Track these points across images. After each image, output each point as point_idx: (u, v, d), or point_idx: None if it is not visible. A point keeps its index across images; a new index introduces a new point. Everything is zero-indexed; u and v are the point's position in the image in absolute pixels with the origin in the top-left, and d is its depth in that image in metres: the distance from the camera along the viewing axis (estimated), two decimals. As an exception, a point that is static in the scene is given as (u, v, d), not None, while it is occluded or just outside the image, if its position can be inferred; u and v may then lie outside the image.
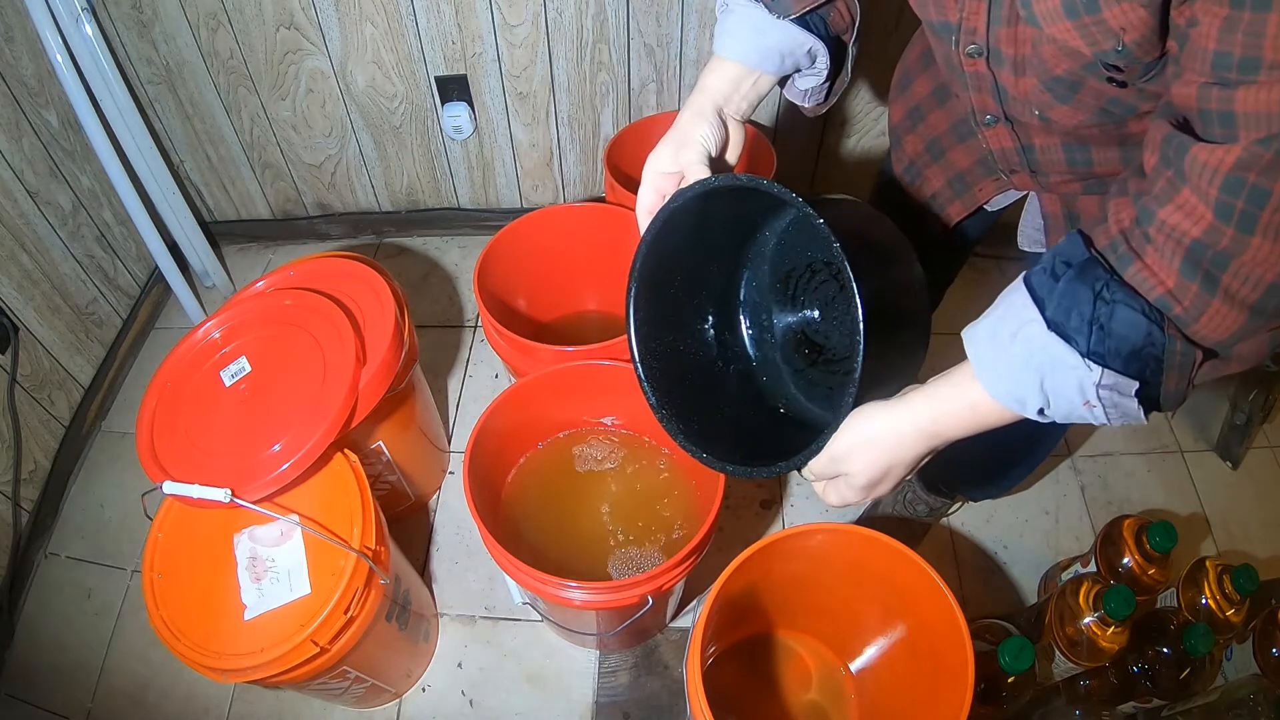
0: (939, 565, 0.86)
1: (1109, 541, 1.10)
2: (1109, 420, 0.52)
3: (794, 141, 1.62)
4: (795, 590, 1.03)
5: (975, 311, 0.58)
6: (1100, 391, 0.51)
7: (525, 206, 1.77)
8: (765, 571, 0.95)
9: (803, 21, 0.71)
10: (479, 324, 1.66)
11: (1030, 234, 0.85)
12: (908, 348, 0.65)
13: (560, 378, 1.10)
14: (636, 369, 0.76)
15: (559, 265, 1.41)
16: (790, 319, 0.81)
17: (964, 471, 1.18)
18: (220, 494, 0.87)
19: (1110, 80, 0.57)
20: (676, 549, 0.91)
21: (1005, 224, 0.93)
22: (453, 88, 1.52)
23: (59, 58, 1.31)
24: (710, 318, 0.83)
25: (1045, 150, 0.72)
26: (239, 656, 0.85)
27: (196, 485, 0.88)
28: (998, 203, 0.87)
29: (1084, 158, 0.70)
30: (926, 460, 0.63)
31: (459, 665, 1.23)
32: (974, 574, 1.32)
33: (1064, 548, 1.34)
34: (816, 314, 0.78)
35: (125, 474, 1.48)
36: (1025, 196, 0.84)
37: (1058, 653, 1.02)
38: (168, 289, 1.65)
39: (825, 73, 0.75)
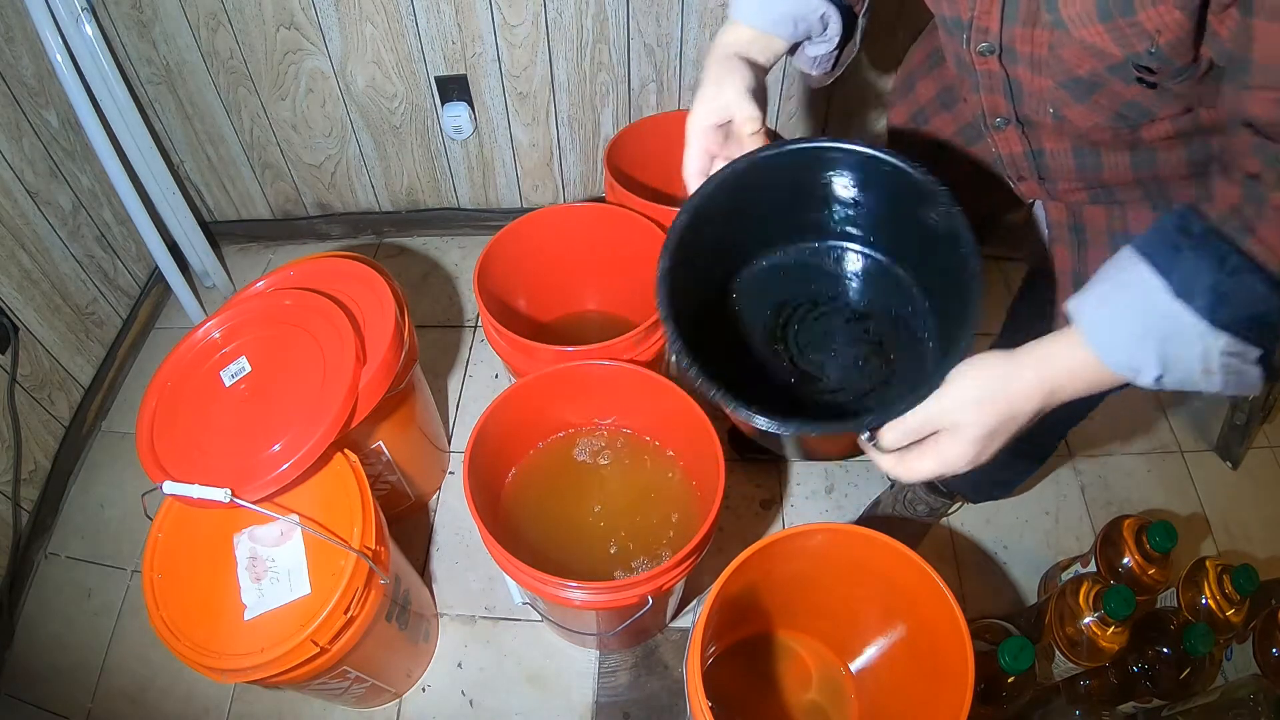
0: (939, 565, 0.86)
1: (1109, 541, 1.10)
2: (1223, 388, 0.53)
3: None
4: (795, 590, 1.03)
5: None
6: (1224, 358, 0.51)
7: (525, 206, 1.77)
8: (765, 571, 0.95)
9: None
10: (479, 324, 1.66)
11: (1037, 251, 0.84)
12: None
13: (560, 378, 1.10)
14: (663, 308, 0.67)
15: (559, 265, 1.41)
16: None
17: (965, 473, 1.17)
18: (220, 494, 0.87)
19: (1140, 81, 0.57)
20: (676, 549, 0.91)
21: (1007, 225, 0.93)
22: (453, 88, 1.52)
23: (59, 58, 1.31)
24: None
25: (1055, 155, 0.72)
26: (239, 656, 0.85)
27: (196, 485, 0.88)
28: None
29: (1094, 163, 0.70)
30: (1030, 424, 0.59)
31: (459, 665, 1.23)
32: (974, 574, 1.32)
33: (1064, 548, 1.34)
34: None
35: (125, 474, 1.48)
36: (1031, 204, 0.84)
37: (1058, 653, 1.02)
38: (168, 289, 1.65)
39: (836, 40, 0.74)
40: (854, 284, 0.76)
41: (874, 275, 0.75)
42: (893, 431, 0.60)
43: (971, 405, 0.57)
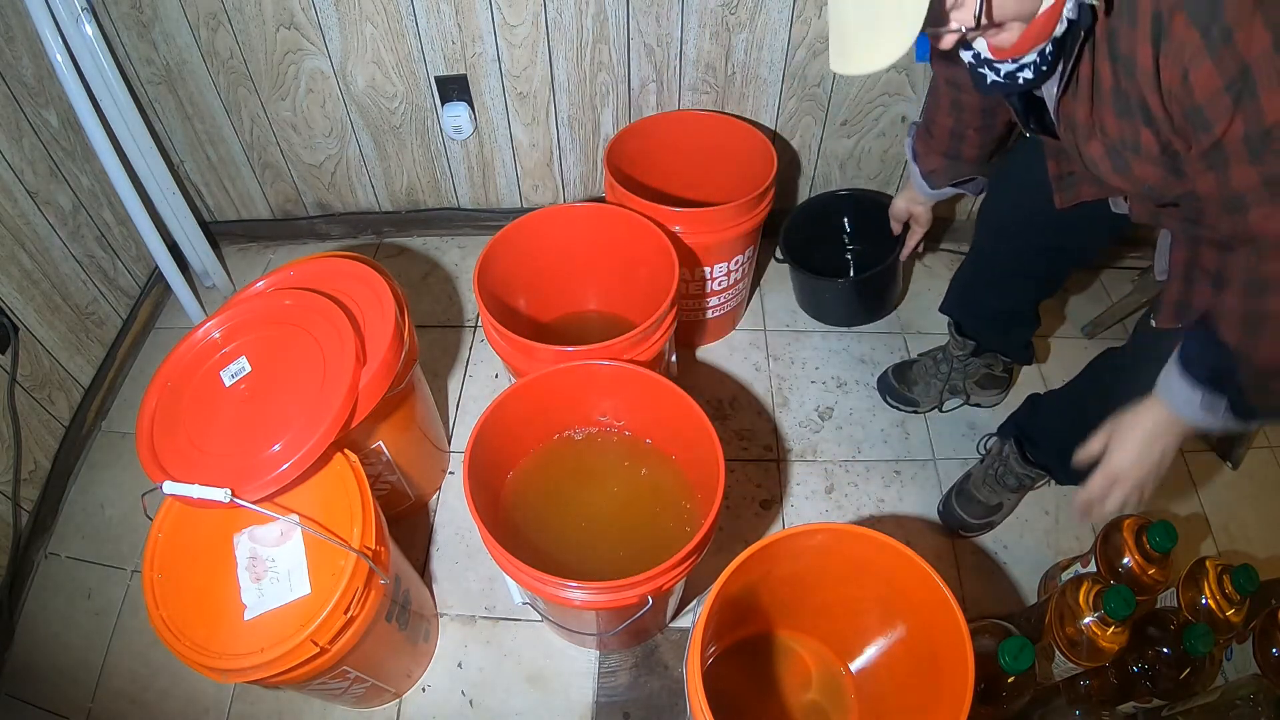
0: (939, 565, 0.86)
1: (1109, 541, 1.10)
2: (1225, 425, 0.83)
3: (793, 142, 1.62)
4: (795, 590, 1.03)
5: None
6: (1203, 407, 0.81)
7: (525, 206, 1.77)
8: (765, 571, 0.95)
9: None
10: (479, 324, 1.66)
11: (1161, 264, 1.00)
12: None
13: (560, 378, 1.10)
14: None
15: (559, 265, 1.41)
16: None
17: (1060, 443, 1.20)
18: (220, 494, 0.87)
19: (1156, 202, 0.86)
20: (676, 549, 0.91)
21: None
22: (453, 88, 1.52)
23: (59, 58, 1.31)
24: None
25: (1155, 219, 0.96)
26: (239, 656, 0.85)
27: (196, 485, 0.88)
28: (1120, 205, 1.03)
29: (1185, 230, 0.91)
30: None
31: (459, 665, 1.23)
32: (974, 574, 1.32)
33: (1064, 548, 1.34)
34: None
35: (125, 474, 1.48)
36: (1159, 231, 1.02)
37: (1058, 653, 1.02)
38: (168, 289, 1.65)
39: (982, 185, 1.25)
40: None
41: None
42: (1089, 490, 0.94)
43: (1135, 459, 0.89)
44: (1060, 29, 0.75)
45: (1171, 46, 0.67)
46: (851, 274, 1.70)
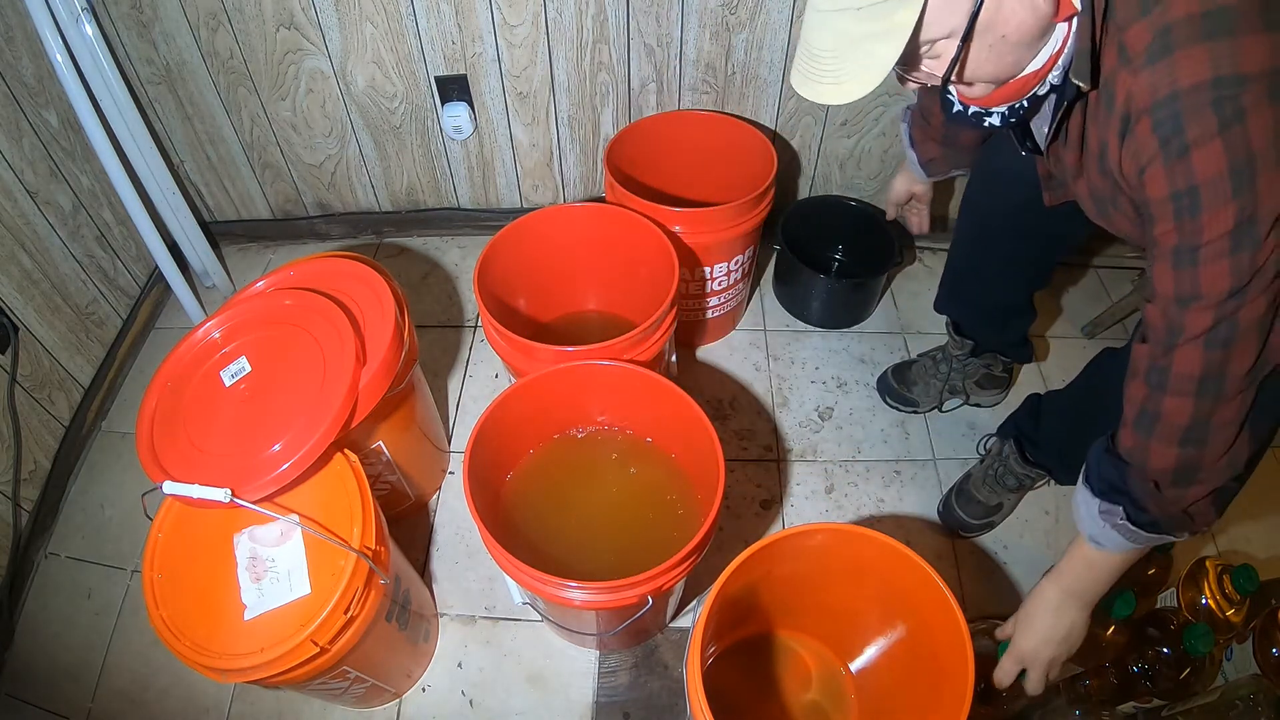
0: (939, 565, 0.86)
1: (1109, 541, 1.09)
2: (1125, 542, 0.84)
3: (793, 142, 1.62)
4: (795, 590, 1.03)
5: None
6: (1101, 517, 0.84)
7: (525, 206, 1.77)
8: (765, 571, 0.95)
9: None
10: (479, 324, 1.66)
11: None
12: None
13: (560, 378, 1.10)
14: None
15: (559, 265, 1.41)
16: None
17: (1060, 444, 1.22)
18: (220, 494, 0.87)
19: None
20: (676, 549, 0.91)
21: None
22: (453, 88, 1.52)
23: (59, 58, 1.31)
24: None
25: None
26: (239, 656, 0.85)
27: (196, 485, 0.88)
28: None
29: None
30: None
31: (459, 665, 1.23)
32: (974, 574, 1.32)
33: (1064, 548, 1.32)
34: None
35: (125, 474, 1.48)
36: None
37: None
38: (168, 289, 1.65)
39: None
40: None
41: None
42: (998, 674, 0.95)
43: (1042, 650, 0.93)
44: (1042, 89, 0.77)
45: (1133, 144, 0.69)
46: (835, 276, 1.72)
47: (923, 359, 1.50)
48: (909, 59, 0.72)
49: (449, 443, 1.49)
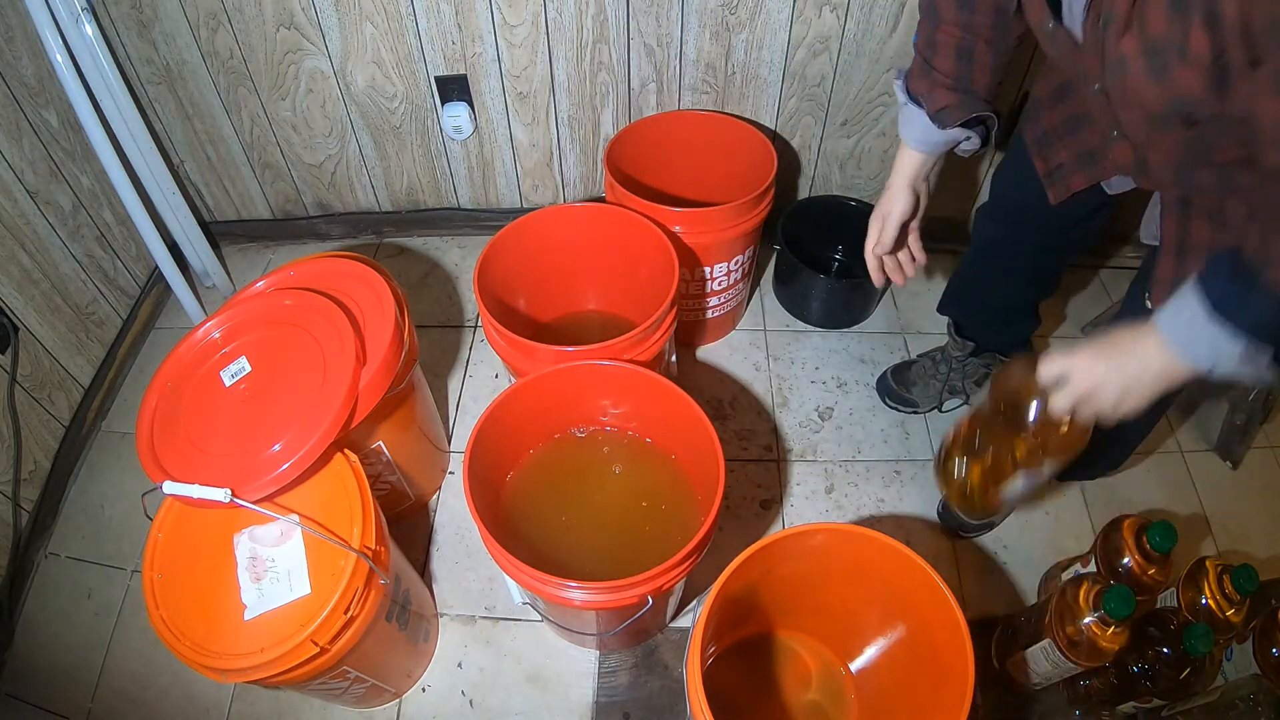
0: (939, 565, 0.86)
1: (1109, 541, 1.10)
2: (1259, 376, 0.72)
3: (793, 142, 1.63)
4: (795, 590, 1.03)
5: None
6: (1243, 357, 0.70)
7: (525, 206, 1.77)
8: (765, 571, 0.95)
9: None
10: (479, 324, 1.66)
11: (1150, 227, 0.96)
12: None
13: (560, 378, 1.10)
14: None
15: (559, 265, 1.41)
16: None
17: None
18: (220, 494, 0.87)
19: (1185, 121, 0.73)
20: (676, 549, 0.91)
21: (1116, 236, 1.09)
22: (453, 88, 1.52)
23: (59, 58, 1.31)
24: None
25: (1157, 167, 0.86)
26: (239, 656, 0.85)
27: (196, 485, 0.88)
28: (1117, 185, 0.99)
29: (1187, 177, 0.83)
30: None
31: (459, 665, 1.23)
32: (974, 574, 1.32)
33: (1064, 548, 1.34)
34: None
35: (125, 474, 1.48)
36: (1150, 194, 0.96)
37: (1058, 652, 1.02)
38: (168, 289, 1.65)
39: (981, 142, 1.02)
40: None
41: None
42: (1052, 364, 0.81)
43: (1103, 349, 0.79)
44: None
45: None
46: (835, 277, 1.71)
47: (922, 359, 1.51)
48: None
49: (449, 443, 1.49)
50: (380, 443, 1.16)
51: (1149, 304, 0.92)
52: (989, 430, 0.91)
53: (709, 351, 1.62)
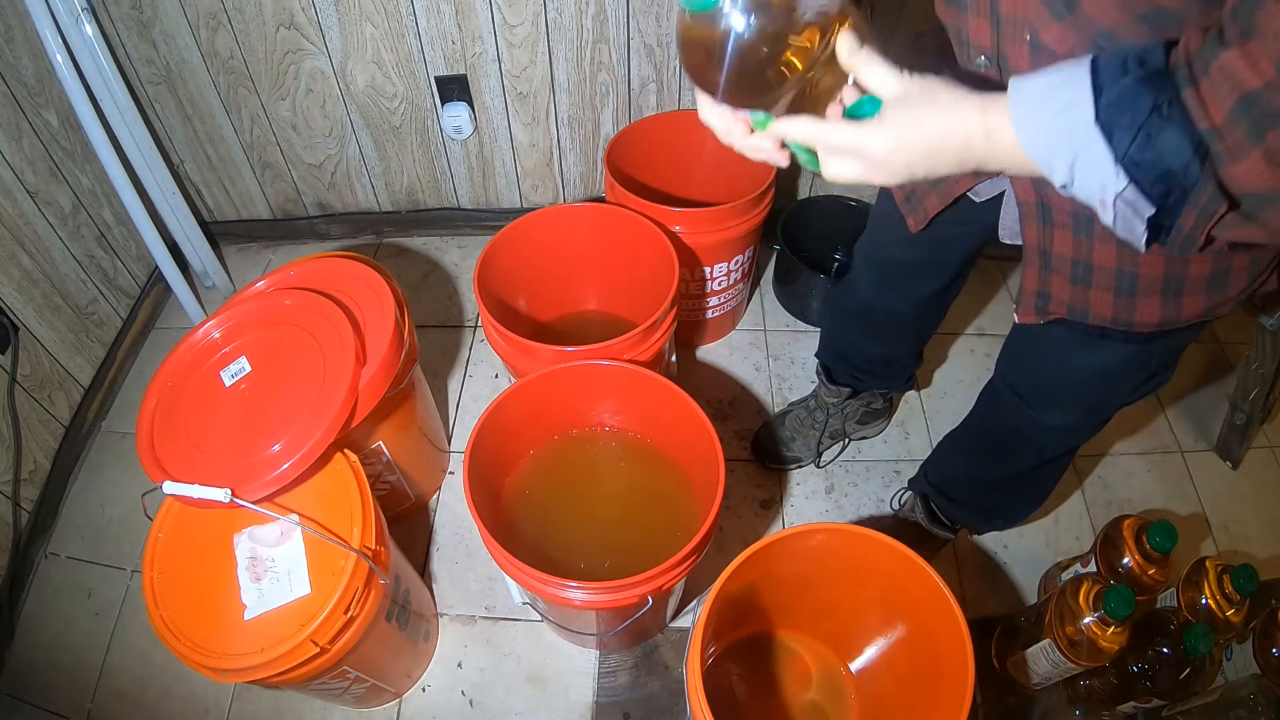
0: (939, 565, 0.86)
1: (1109, 541, 1.10)
2: (1114, 228, 0.51)
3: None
4: (795, 590, 1.03)
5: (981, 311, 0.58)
6: (1118, 201, 0.49)
7: (525, 206, 1.77)
8: (765, 571, 0.95)
9: None
10: (479, 324, 1.66)
11: (1010, 226, 0.83)
12: None
13: (560, 378, 1.10)
14: None
15: (559, 265, 1.41)
16: None
17: (966, 505, 1.18)
18: (220, 494, 0.87)
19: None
20: (676, 549, 0.91)
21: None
22: (453, 88, 1.52)
23: (59, 58, 1.31)
24: None
25: None
26: (239, 656, 0.85)
27: (196, 485, 0.88)
28: (981, 192, 0.85)
29: None
30: None
31: (459, 665, 1.23)
32: (974, 574, 1.32)
33: (1064, 548, 1.34)
34: None
35: (125, 474, 1.48)
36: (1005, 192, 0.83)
37: (1058, 652, 1.02)
38: (168, 289, 1.65)
39: None
40: None
41: None
42: (852, 44, 0.56)
43: (919, 93, 0.55)
44: None
45: None
46: (835, 277, 1.71)
47: (795, 409, 1.42)
48: None
49: (449, 443, 1.49)
50: (380, 443, 1.16)
51: (1016, 318, 0.82)
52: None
53: (709, 351, 1.62)
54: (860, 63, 0.56)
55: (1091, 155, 0.49)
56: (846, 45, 0.56)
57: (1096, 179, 0.49)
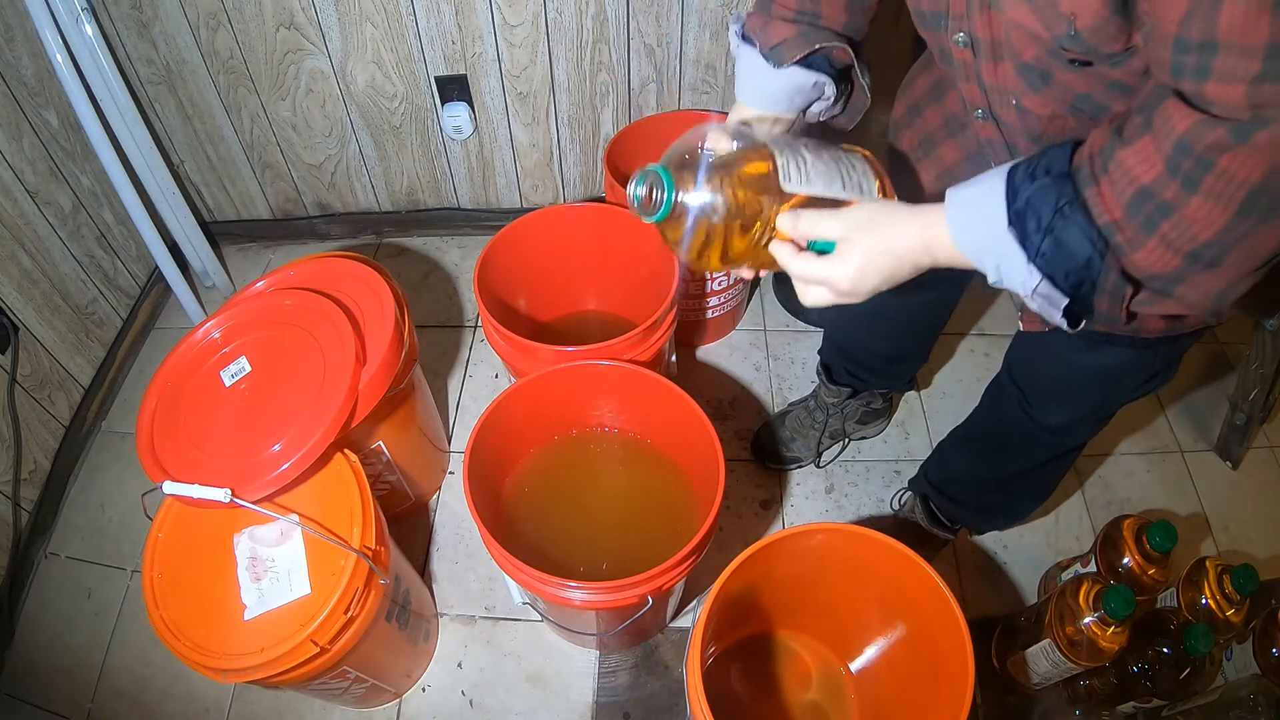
0: (939, 565, 0.86)
1: (1109, 541, 1.10)
2: (1043, 315, 0.57)
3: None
4: (795, 590, 1.03)
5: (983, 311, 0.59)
6: (1035, 295, 0.55)
7: (525, 206, 1.77)
8: (765, 571, 0.95)
9: (805, 62, 0.76)
10: (479, 324, 1.66)
11: None
12: None
13: (560, 378, 1.10)
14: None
15: (559, 265, 1.41)
16: None
17: (967, 504, 1.18)
18: (220, 494, 0.87)
19: (1074, 63, 0.58)
20: (676, 549, 0.91)
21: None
22: (453, 88, 1.52)
23: (59, 58, 1.31)
24: None
25: (1028, 152, 0.73)
26: (239, 656, 0.85)
27: (196, 485, 0.88)
28: None
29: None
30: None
31: (459, 665, 1.23)
32: (974, 574, 1.32)
33: (1064, 548, 1.34)
34: None
35: (125, 474, 1.48)
36: None
37: (1058, 652, 1.02)
38: (168, 289, 1.65)
39: (833, 99, 0.81)
40: None
41: None
42: (793, 220, 0.64)
43: (865, 226, 0.62)
44: None
45: None
46: None
47: (795, 409, 1.42)
48: None
49: (449, 443, 1.49)
50: (380, 443, 1.16)
51: (1020, 326, 0.82)
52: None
53: (709, 351, 1.62)
54: (803, 232, 0.64)
55: (1009, 257, 0.55)
56: (787, 224, 0.64)
57: (1017, 276, 0.55)
